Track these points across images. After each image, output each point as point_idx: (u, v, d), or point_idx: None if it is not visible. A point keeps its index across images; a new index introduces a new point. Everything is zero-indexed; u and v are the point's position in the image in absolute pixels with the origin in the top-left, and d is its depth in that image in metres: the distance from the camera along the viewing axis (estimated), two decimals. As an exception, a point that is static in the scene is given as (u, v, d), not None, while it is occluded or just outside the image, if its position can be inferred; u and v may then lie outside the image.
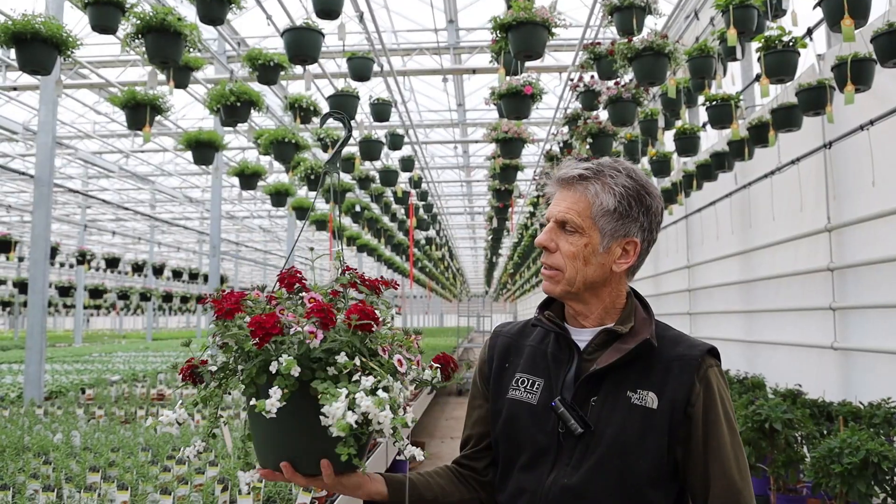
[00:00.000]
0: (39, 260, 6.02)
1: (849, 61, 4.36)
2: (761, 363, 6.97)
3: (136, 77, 9.34)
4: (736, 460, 1.32)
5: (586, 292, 1.40)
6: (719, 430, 1.32)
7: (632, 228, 1.38)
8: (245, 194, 15.92)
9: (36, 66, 4.23)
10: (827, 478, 3.54)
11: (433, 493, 1.46)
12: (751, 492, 1.33)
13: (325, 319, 1.20)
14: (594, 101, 6.15)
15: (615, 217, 1.37)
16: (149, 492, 2.73)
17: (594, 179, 1.38)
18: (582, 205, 1.38)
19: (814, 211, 5.88)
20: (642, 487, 1.31)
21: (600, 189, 1.37)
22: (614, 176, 1.38)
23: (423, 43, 9.75)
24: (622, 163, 1.42)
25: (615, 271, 1.40)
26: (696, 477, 1.33)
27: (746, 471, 1.34)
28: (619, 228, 1.37)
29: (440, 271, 25.51)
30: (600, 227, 1.37)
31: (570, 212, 1.38)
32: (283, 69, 5.53)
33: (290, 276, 1.35)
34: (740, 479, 1.31)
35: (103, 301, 22.80)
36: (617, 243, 1.38)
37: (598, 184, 1.38)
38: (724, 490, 1.30)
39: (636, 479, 1.31)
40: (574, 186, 1.40)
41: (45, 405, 5.47)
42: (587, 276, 1.38)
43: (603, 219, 1.37)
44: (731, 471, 1.31)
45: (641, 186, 1.39)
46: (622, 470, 1.31)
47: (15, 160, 13.75)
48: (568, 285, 1.39)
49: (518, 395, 1.44)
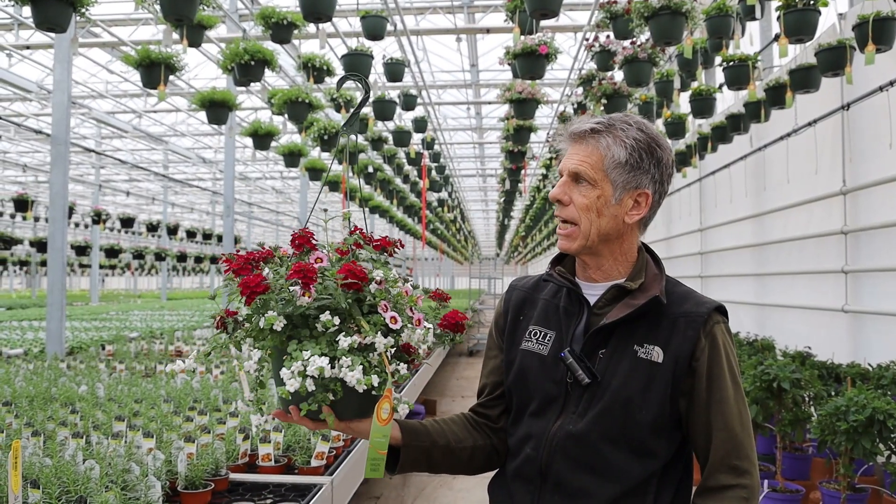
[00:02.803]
0: (58, 218, 6.11)
1: (871, 20, 4.29)
2: (772, 326, 7.01)
3: (149, 36, 9.30)
4: (739, 414, 1.36)
5: (600, 244, 1.43)
6: (723, 384, 1.36)
7: (643, 180, 1.41)
8: (258, 155, 15.92)
9: (51, 23, 4.22)
10: (832, 435, 3.60)
11: (446, 440, 1.51)
12: (752, 444, 1.36)
13: (304, 279, 1.24)
14: (609, 62, 6.08)
15: (627, 169, 1.40)
16: (173, 440, 2.83)
17: (605, 132, 1.41)
18: (594, 157, 1.41)
19: (829, 174, 5.84)
20: (643, 436, 1.36)
21: (612, 142, 1.40)
22: (625, 129, 1.41)
23: (437, 2, 9.62)
24: (633, 117, 1.45)
25: (627, 223, 1.43)
26: (698, 428, 1.37)
27: (749, 424, 1.38)
28: (630, 180, 1.40)
29: (452, 233, 25.54)
30: (612, 179, 1.40)
31: (582, 164, 1.41)
32: (297, 27, 5.49)
33: (301, 237, 1.39)
34: (742, 431, 1.35)
35: (118, 261, 23.06)
36: (629, 195, 1.41)
37: (609, 137, 1.40)
38: (725, 441, 1.34)
39: (638, 429, 1.36)
40: (586, 140, 1.43)
41: (68, 360, 5.62)
42: (601, 228, 1.41)
43: (615, 171, 1.40)
44: (734, 423, 1.35)
45: (652, 139, 1.42)
46: (625, 419, 1.36)
47: (29, 119, 13.79)
48: (584, 239, 1.42)
49: (530, 346, 1.50)
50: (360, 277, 1.27)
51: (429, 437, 1.49)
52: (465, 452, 1.52)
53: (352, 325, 1.29)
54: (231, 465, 2.94)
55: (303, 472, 3.00)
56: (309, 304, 1.26)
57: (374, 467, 1.31)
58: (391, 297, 1.35)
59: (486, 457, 1.55)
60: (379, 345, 1.26)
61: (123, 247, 19.30)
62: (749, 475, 1.34)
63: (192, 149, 17.83)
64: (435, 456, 1.50)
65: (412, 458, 1.47)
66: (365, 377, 1.23)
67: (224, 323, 1.37)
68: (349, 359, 1.23)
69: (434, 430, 1.51)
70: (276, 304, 1.28)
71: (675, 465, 1.41)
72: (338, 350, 1.24)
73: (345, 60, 6.26)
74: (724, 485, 1.33)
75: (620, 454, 1.36)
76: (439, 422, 1.55)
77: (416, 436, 1.48)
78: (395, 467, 1.47)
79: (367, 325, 1.27)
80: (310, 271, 1.24)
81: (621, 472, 1.36)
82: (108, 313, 12.67)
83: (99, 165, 17.02)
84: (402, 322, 1.31)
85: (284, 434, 3.18)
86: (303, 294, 1.24)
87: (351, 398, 1.30)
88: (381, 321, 1.30)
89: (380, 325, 1.29)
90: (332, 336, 1.27)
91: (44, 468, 2.36)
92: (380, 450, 1.30)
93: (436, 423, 1.54)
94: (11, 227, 20.22)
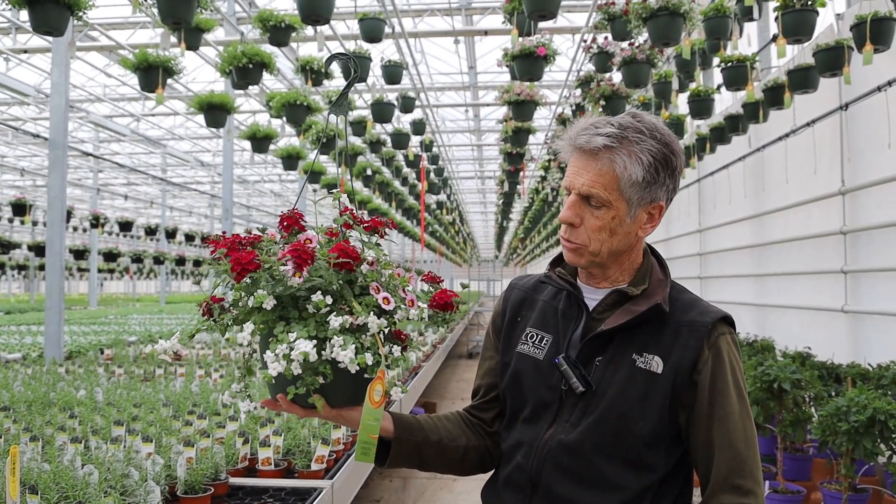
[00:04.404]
0: (56, 222, 6.10)
1: (868, 20, 4.29)
2: (771, 326, 7.01)
3: (147, 39, 9.29)
4: (743, 431, 1.28)
5: (609, 258, 1.38)
6: (726, 399, 1.29)
7: (659, 193, 1.34)
8: (256, 158, 15.94)
9: (49, 27, 4.22)
10: (834, 435, 3.59)
11: (439, 436, 1.47)
12: (757, 462, 1.29)
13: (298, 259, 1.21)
14: (608, 63, 6.09)
15: (643, 186, 1.31)
16: (172, 444, 2.82)
17: (619, 149, 1.29)
18: (608, 178, 1.30)
19: (828, 174, 5.84)
20: (639, 449, 1.30)
21: (628, 160, 1.29)
22: (640, 140, 1.30)
23: (435, 4, 9.63)
24: (644, 119, 1.34)
25: (640, 236, 1.37)
26: (698, 444, 1.30)
27: (754, 442, 1.30)
28: (645, 196, 1.32)
29: (450, 236, 25.54)
30: (627, 198, 1.31)
31: (595, 185, 1.30)
32: (295, 30, 5.49)
33: (289, 218, 1.35)
34: (746, 448, 1.27)
35: (117, 265, 23.04)
36: (643, 209, 1.34)
37: (624, 153, 1.29)
38: (728, 459, 1.27)
39: (633, 441, 1.30)
40: (598, 157, 1.31)
41: (66, 364, 5.60)
42: (612, 247, 1.35)
43: (631, 189, 1.31)
44: (737, 440, 1.27)
45: (666, 146, 1.33)
46: (619, 431, 1.30)
47: (27, 123, 13.78)
48: (593, 256, 1.36)
49: (526, 349, 1.45)
50: (352, 257, 1.24)
51: (422, 432, 1.45)
52: (457, 451, 1.48)
53: (343, 306, 1.26)
54: (231, 469, 2.93)
55: (303, 476, 2.99)
56: (300, 284, 1.22)
57: (365, 451, 1.27)
58: (384, 279, 1.32)
59: (479, 457, 1.51)
60: (372, 325, 1.23)
61: (122, 250, 19.27)
62: (754, 495, 1.26)
63: (191, 152, 17.84)
64: (426, 452, 1.46)
65: (403, 452, 1.43)
66: (358, 356, 1.20)
67: (210, 309, 1.33)
68: (341, 338, 1.20)
69: (428, 426, 1.47)
70: (266, 285, 1.25)
71: (673, 478, 1.35)
72: (329, 330, 1.21)
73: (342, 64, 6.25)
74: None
75: (614, 467, 1.31)
76: (434, 418, 1.51)
77: (409, 430, 1.44)
78: (386, 460, 1.43)
79: (358, 306, 1.24)
80: (305, 252, 1.21)
81: (614, 485, 1.31)
82: (106, 317, 12.65)
83: (97, 169, 17.01)
84: (394, 303, 1.27)
85: (284, 438, 3.17)
86: (294, 275, 1.21)
87: (342, 383, 1.27)
88: (374, 302, 1.26)
89: (372, 307, 1.26)
90: (322, 317, 1.23)
91: (42, 473, 2.35)
92: (371, 433, 1.26)
93: (430, 420, 1.50)
94: (9, 231, 20.20)
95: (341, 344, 1.19)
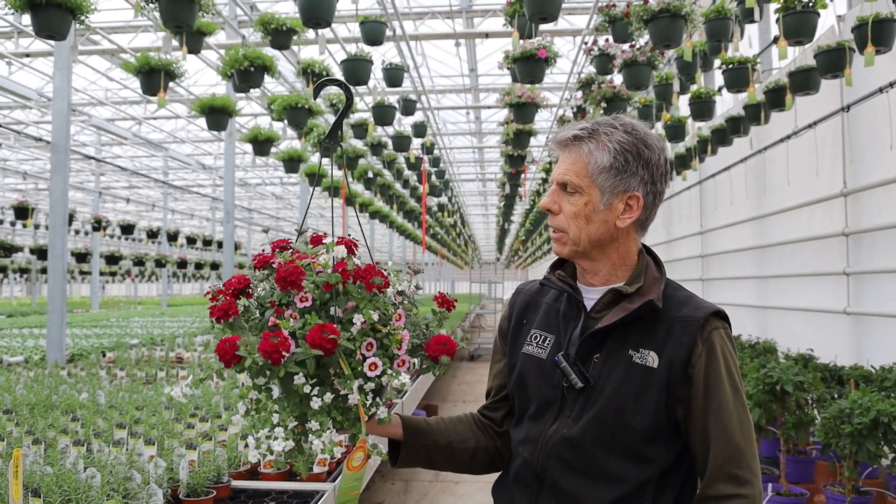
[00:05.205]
0: (58, 225, 6.11)
1: (870, 22, 4.30)
2: (773, 328, 7.00)
3: (148, 43, 9.32)
4: (739, 422, 1.32)
5: (593, 250, 1.43)
6: (721, 392, 1.32)
7: (632, 183, 1.39)
8: (258, 161, 15.95)
9: (51, 31, 4.23)
10: (837, 438, 3.58)
11: (448, 439, 1.54)
12: (754, 453, 1.33)
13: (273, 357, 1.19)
14: (608, 65, 6.08)
15: (613, 173, 1.38)
16: (175, 447, 2.82)
17: (588, 138, 1.40)
18: (579, 165, 1.40)
19: (830, 175, 5.84)
20: (637, 443, 1.35)
21: (594, 147, 1.39)
22: (609, 133, 1.39)
23: (436, 6, 9.64)
24: (621, 119, 1.43)
25: (620, 227, 1.41)
26: (696, 436, 1.34)
27: (751, 433, 1.34)
28: (618, 184, 1.39)
29: (452, 238, 25.54)
30: (599, 185, 1.39)
31: (568, 173, 1.41)
32: (296, 33, 5.50)
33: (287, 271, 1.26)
34: (742, 439, 1.31)
35: (118, 268, 23.05)
36: (618, 199, 1.40)
37: (592, 142, 1.40)
38: (724, 449, 1.30)
39: (631, 435, 1.34)
40: (570, 147, 1.42)
41: (68, 367, 5.61)
42: (591, 234, 1.41)
43: (600, 176, 1.38)
44: (733, 431, 1.31)
45: (638, 139, 1.40)
46: (618, 425, 1.35)
47: (29, 127, 13.81)
48: (574, 245, 1.42)
49: (531, 349, 1.51)
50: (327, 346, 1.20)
51: (431, 436, 1.53)
52: (466, 452, 1.55)
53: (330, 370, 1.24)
54: (233, 472, 2.93)
55: (305, 479, 2.98)
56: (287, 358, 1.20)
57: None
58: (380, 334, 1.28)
59: (489, 458, 1.57)
60: (353, 399, 1.23)
61: (124, 253, 19.27)
62: (750, 485, 1.29)
63: (192, 155, 17.86)
64: (436, 455, 1.54)
65: (413, 456, 1.52)
66: (327, 446, 1.24)
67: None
68: (317, 422, 1.22)
69: (437, 429, 1.54)
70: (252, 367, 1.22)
71: (675, 471, 1.38)
72: (309, 412, 1.22)
73: (344, 66, 6.26)
74: (723, 494, 1.29)
75: (614, 460, 1.35)
76: (445, 420, 1.58)
77: (419, 435, 1.52)
78: (397, 460, 1.52)
79: (347, 367, 1.23)
80: (276, 352, 1.18)
81: (616, 477, 1.35)
82: (108, 320, 12.65)
83: (99, 172, 17.03)
84: (381, 368, 1.25)
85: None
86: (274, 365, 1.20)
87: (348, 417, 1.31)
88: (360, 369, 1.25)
89: (358, 371, 1.25)
90: (305, 395, 1.23)
91: (45, 476, 2.35)
92: (350, 493, 1.31)
93: (441, 422, 1.56)
94: (12, 234, 20.21)
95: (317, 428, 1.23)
